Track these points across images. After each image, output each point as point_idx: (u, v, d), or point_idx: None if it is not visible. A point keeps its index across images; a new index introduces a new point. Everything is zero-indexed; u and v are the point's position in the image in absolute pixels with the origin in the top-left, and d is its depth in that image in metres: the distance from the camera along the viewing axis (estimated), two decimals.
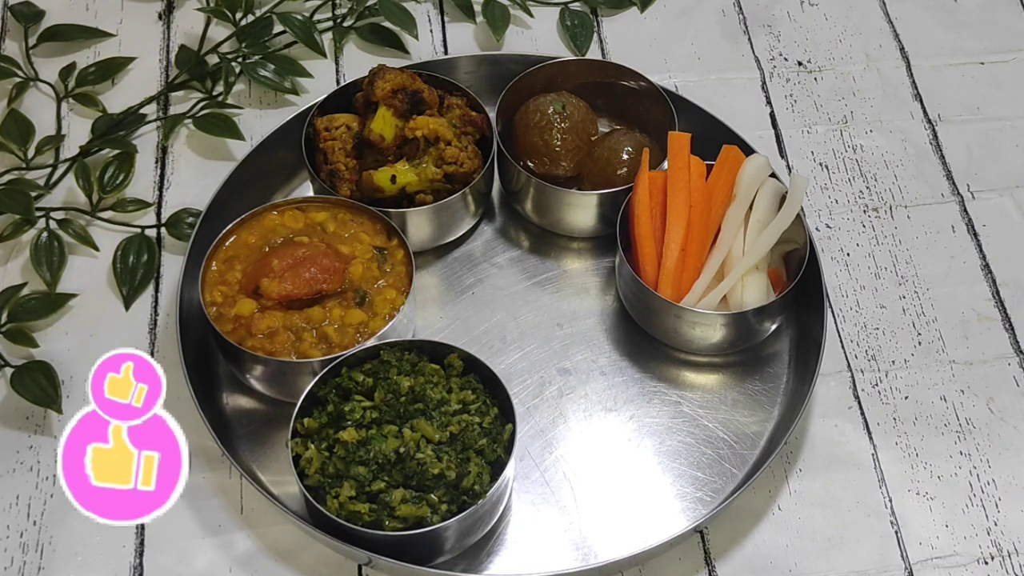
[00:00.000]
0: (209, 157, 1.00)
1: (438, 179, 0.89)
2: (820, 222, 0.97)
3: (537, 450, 0.84)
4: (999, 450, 0.85)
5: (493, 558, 0.79)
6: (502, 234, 0.96)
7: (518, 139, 0.93)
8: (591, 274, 0.94)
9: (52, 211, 0.95)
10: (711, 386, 0.88)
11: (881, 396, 0.87)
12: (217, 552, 0.79)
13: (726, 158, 0.88)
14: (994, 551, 0.80)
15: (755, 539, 0.81)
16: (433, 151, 0.89)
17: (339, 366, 0.79)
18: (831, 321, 0.91)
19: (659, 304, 0.85)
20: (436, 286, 0.93)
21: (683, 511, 0.81)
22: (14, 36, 1.08)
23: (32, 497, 0.82)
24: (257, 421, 0.85)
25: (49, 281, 0.91)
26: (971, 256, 0.95)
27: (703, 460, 0.83)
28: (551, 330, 0.90)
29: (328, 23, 1.08)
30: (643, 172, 0.87)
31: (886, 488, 0.83)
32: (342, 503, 0.74)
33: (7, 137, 0.98)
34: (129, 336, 0.89)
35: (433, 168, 0.89)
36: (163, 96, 1.03)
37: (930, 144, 1.02)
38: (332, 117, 0.92)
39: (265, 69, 1.03)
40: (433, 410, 0.77)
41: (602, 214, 0.91)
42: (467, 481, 0.75)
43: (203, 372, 0.85)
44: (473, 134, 0.92)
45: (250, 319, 0.82)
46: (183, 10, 1.10)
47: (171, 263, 0.93)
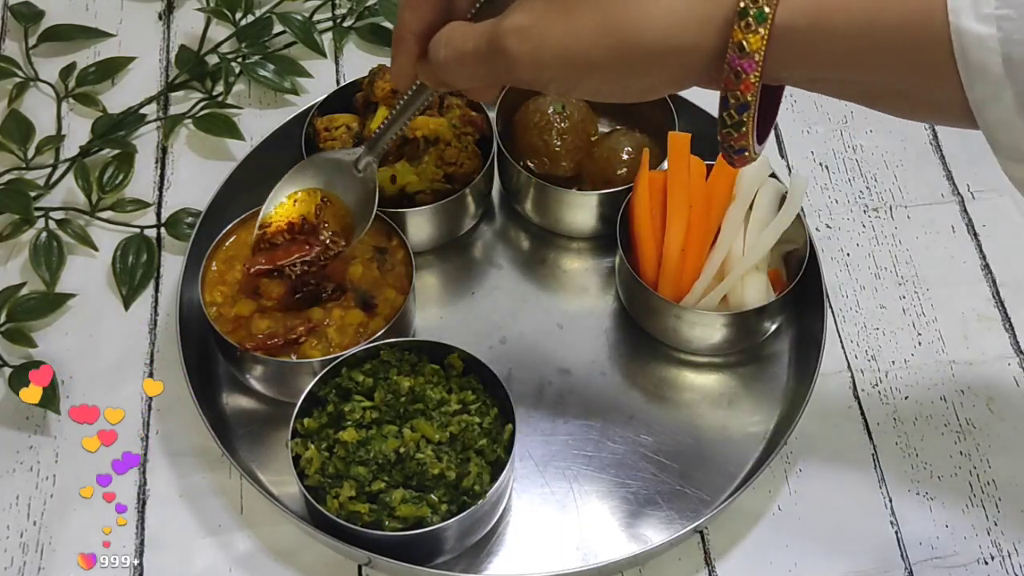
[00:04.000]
0: (209, 157, 1.00)
1: (438, 179, 0.89)
2: (820, 222, 0.97)
3: (537, 450, 0.84)
4: (999, 450, 0.85)
5: (493, 558, 0.79)
6: (502, 234, 0.96)
7: (518, 139, 0.93)
8: (591, 274, 0.94)
9: (51, 211, 0.95)
10: (711, 386, 0.88)
11: (881, 396, 0.87)
12: (217, 552, 0.79)
13: None
14: (994, 551, 0.80)
15: (755, 539, 0.81)
16: (433, 151, 0.89)
17: (339, 366, 0.79)
18: (831, 321, 0.91)
19: (659, 304, 0.85)
20: (436, 286, 0.93)
21: (683, 511, 0.81)
22: (14, 36, 1.08)
23: (32, 497, 0.82)
24: (257, 421, 0.85)
25: (48, 281, 0.91)
26: (971, 256, 0.95)
27: (703, 460, 0.83)
28: (551, 330, 0.90)
29: (328, 23, 1.08)
30: (643, 172, 0.87)
31: (886, 488, 0.83)
32: (342, 503, 0.74)
33: (7, 137, 0.98)
34: (129, 336, 0.89)
35: (433, 168, 0.89)
36: (163, 96, 1.03)
37: (930, 144, 1.02)
38: (332, 117, 0.92)
39: (265, 69, 1.03)
40: (433, 410, 0.77)
41: (602, 214, 0.91)
42: (467, 481, 0.75)
43: (203, 372, 0.85)
44: (473, 134, 0.92)
45: (250, 319, 0.82)
46: (183, 10, 1.10)
47: (171, 263, 0.93)
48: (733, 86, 0.54)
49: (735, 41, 0.53)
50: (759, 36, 0.53)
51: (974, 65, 0.50)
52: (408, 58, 0.65)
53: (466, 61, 0.61)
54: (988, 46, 0.49)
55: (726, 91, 0.55)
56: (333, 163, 0.83)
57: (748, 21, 0.53)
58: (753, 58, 0.53)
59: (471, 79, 0.62)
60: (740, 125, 0.56)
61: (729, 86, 0.55)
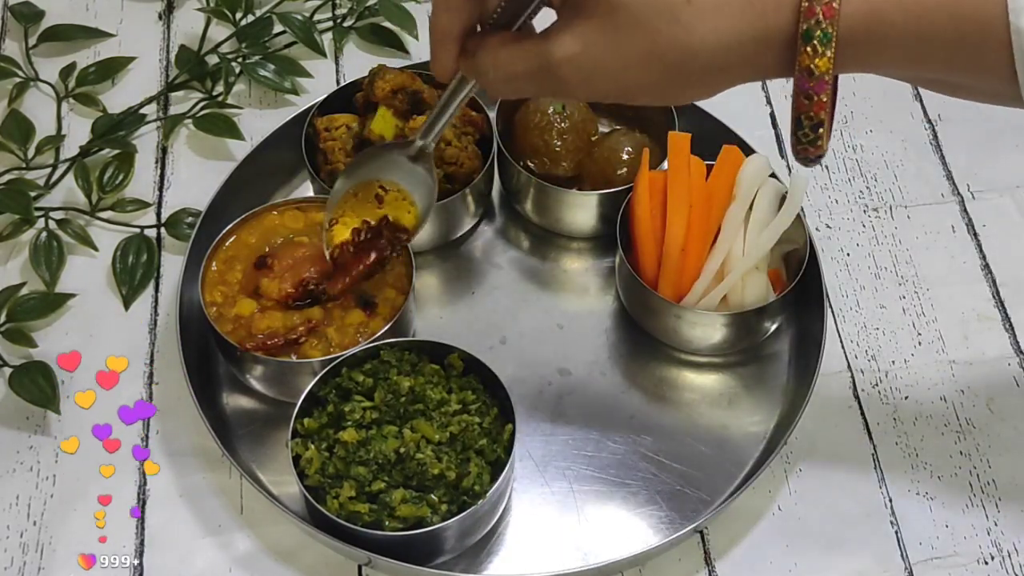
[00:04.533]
0: (209, 157, 1.00)
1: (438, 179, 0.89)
2: (820, 222, 0.97)
3: (537, 450, 0.84)
4: (999, 450, 0.85)
5: (493, 558, 0.79)
6: (502, 234, 0.96)
7: (518, 139, 0.93)
8: (591, 274, 0.94)
9: (51, 211, 0.95)
10: (711, 386, 0.88)
11: (881, 396, 0.87)
12: (217, 552, 0.79)
13: (726, 158, 0.88)
14: (994, 551, 0.80)
15: (755, 539, 0.81)
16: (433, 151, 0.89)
17: (339, 366, 0.79)
18: (831, 321, 0.91)
19: (659, 304, 0.85)
20: (436, 286, 0.93)
21: (683, 511, 0.81)
22: (14, 36, 1.08)
23: (32, 497, 0.82)
24: (257, 421, 0.85)
25: (48, 281, 0.91)
26: (971, 256, 0.95)
27: (703, 460, 0.83)
28: (551, 330, 0.90)
29: (328, 23, 1.08)
30: (643, 172, 0.87)
31: (886, 488, 0.83)
32: (342, 503, 0.74)
33: (7, 137, 0.98)
34: (129, 336, 0.89)
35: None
36: (163, 96, 1.03)
37: (930, 144, 1.02)
38: (332, 117, 0.92)
39: (265, 69, 1.03)
40: (433, 410, 0.77)
41: (602, 214, 0.91)
42: (467, 481, 0.75)
43: (203, 372, 0.85)
44: (473, 134, 0.92)
45: (250, 319, 0.82)
46: (183, 10, 1.10)
47: (171, 263, 0.93)
48: (806, 108, 0.54)
49: (803, 66, 0.53)
50: (827, 59, 0.52)
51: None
52: (450, 57, 0.65)
53: (516, 81, 0.61)
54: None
55: (799, 113, 0.55)
56: (387, 154, 0.82)
57: (814, 45, 0.52)
58: (823, 79, 0.53)
59: (519, 94, 0.64)
60: (816, 140, 0.56)
61: (802, 108, 0.54)
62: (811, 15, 0.52)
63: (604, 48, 0.57)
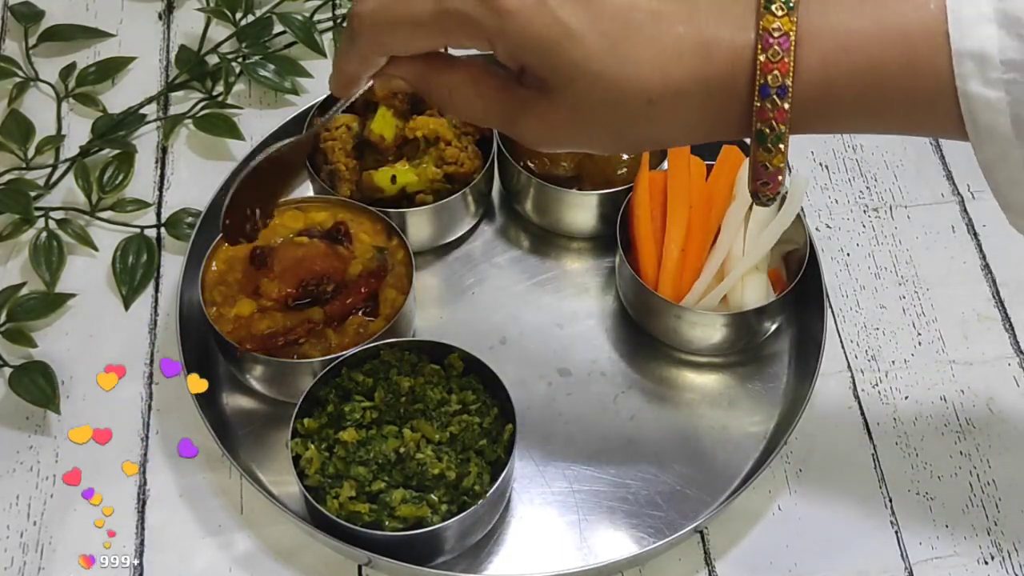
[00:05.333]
0: (209, 157, 1.00)
1: (438, 179, 0.89)
2: (820, 222, 0.97)
3: (537, 450, 0.84)
4: (999, 450, 0.85)
5: (493, 558, 0.79)
6: (502, 234, 0.96)
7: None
8: (591, 274, 0.94)
9: (51, 211, 0.95)
10: (711, 386, 0.88)
11: (881, 396, 0.87)
12: (217, 552, 0.79)
13: (726, 158, 0.88)
14: (994, 551, 0.80)
15: (755, 539, 0.81)
16: (433, 151, 0.89)
17: (339, 366, 0.79)
18: (831, 321, 0.91)
19: (659, 304, 0.85)
20: (436, 286, 0.93)
21: (683, 511, 0.81)
22: (14, 36, 1.08)
23: (32, 497, 0.82)
24: (257, 421, 0.85)
25: (48, 281, 0.91)
26: (971, 256, 0.95)
27: (703, 460, 0.83)
28: (551, 330, 0.90)
29: (328, 23, 1.08)
30: (643, 172, 0.87)
31: (886, 488, 0.83)
32: (342, 503, 0.74)
33: (7, 137, 0.98)
34: (129, 336, 0.89)
35: (433, 168, 0.89)
36: (163, 96, 1.03)
37: (930, 144, 1.02)
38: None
39: (265, 69, 1.03)
40: (433, 410, 0.77)
41: (602, 214, 0.91)
42: (467, 481, 0.75)
43: (203, 372, 0.85)
44: (473, 134, 0.92)
45: (250, 319, 0.82)
46: (183, 10, 1.10)
47: (171, 263, 0.93)
48: (762, 190, 0.57)
49: (759, 161, 0.55)
50: (780, 155, 0.55)
51: (983, 127, 0.52)
52: (355, 78, 0.62)
53: (481, 121, 0.61)
54: (997, 108, 0.51)
55: (755, 192, 0.57)
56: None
57: (767, 146, 0.55)
58: (777, 174, 0.56)
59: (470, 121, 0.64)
60: (772, 200, 0.58)
61: (759, 190, 0.57)
62: (763, 117, 0.54)
63: (570, 133, 0.58)
